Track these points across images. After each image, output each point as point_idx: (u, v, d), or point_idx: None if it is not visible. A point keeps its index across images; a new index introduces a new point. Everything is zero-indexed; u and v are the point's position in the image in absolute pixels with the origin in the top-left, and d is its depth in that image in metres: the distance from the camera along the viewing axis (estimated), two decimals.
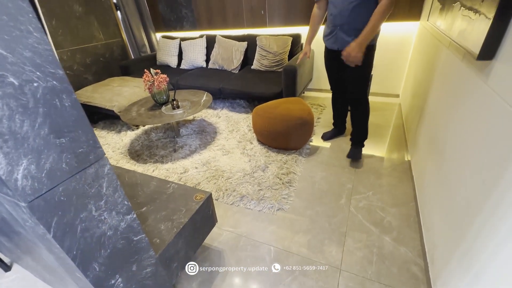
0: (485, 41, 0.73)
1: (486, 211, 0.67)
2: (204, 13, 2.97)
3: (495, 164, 0.66)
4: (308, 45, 1.69)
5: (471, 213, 0.75)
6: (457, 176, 0.89)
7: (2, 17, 0.38)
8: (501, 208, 0.61)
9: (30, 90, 0.42)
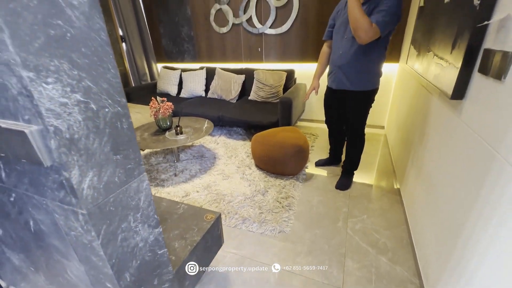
0: (455, 85, 0.90)
1: (469, 227, 0.78)
2: (205, 48, 3.21)
3: (472, 185, 0.79)
4: (316, 80, 1.80)
5: (456, 230, 0.85)
6: (442, 198, 1.01)
7: (94, 58, 0.48)
8: (480, 222, 0.72)
9: (102, 114, 0.52)
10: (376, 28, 1.29)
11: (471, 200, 0.78)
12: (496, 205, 0.67)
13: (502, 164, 0.65)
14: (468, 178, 0.83)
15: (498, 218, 0.65)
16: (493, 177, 0.69)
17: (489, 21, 0.76)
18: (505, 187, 0.64)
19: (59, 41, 0.43)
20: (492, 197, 0.69)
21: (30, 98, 0.41)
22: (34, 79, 0.40)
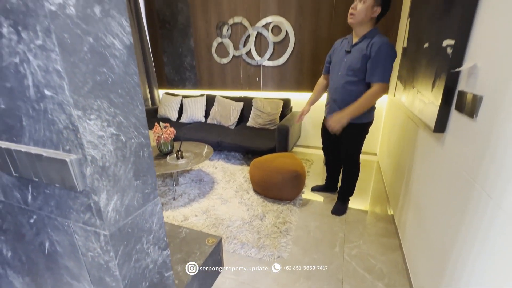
0: (437, 120, 1.01)
1: (455, 251, 0.84)
2: (206, 76, 3.39)
3: (456, 212, 0.86)
4: (308, 106, 1.89)
5: (445, 255, 0.91)
6: (431, 225, 1.08)
7: (127, 98, 0.57)
8: (465, 246, 0.79)
9: (129, 144, 0.59)
10: (383, 84, 1.45)
11: (455, 226, 0.85)
12: (477, 231, 0.74)
13: (480, 193, 0.73)
14: (452, 205, 0.90)
15: (480, 242, 0.72)
16: (472, 205, 0.77)
17: (460, 68, 0.89)
18: (484, 214, 0.71)
19: (103, 85, 0.51)
20: (473, 223, 0.76)
21: (75, 132, 0.48)
22: (81, 116, 0.48)
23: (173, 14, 3.25)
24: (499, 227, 0.65)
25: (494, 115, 0.70)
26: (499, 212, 0.64)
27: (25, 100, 0.51)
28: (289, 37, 2.82)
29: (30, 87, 0.49)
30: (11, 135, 0.57)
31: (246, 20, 2.92)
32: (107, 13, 0.50)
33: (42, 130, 0.52)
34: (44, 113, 0.50)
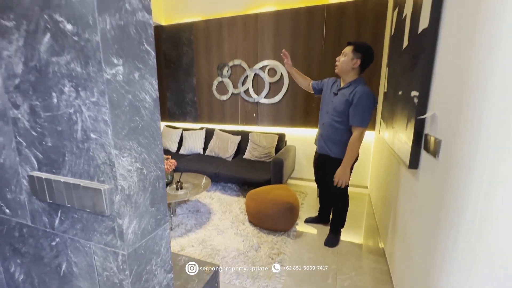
0: (410, 158, 1.16)
1: (440, 283, 0.93)
2: (206, 111, 3.61)
3: (435, 245, 0.97)
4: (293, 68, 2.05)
5: (430, 286, 0.99)
6: (416, 257, 1.17)
7: (150, 139, 0.71)
8: (443, 277, 0.88)
9: (149, 177, 0.71)
10: (361, 129, 1.65)
11: (436, 258, 0.95)
12: (453, 261, 0.84)
13: (445, 226, 0.85)
14: (429, 236, 1.01)
15: (456, 273, 0.82)
16: (442, 235, 0.88)
17: (423, 116, 1.07)
18: (454, 245, 0.82)
19: (135, 130, 0.65)
20: (447, 254, 0.86)
21: (111, 167, 0.61)
22: (117, 154, 0.61)
23: (178, 55, 3.57)
24: (461, 255, 0.75)
25: (451, 156, 0.85)
26: (460, 240, 0.76)
27: (71, 140, 0.64)
28: (283, 78, 3.10)
29: (79, 131, 0.63)
30: (52, 167, 0.70)
31: (245, 62, 3.23)
32: (142, 76, 0.66)
33: (81, 164, 0.65)
34: (86, 151, 0.63)
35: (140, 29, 0.63)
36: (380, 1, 2.58)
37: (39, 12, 0.58)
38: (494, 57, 0.63)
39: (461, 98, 0.80)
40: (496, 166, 0.60)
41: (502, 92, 0.59)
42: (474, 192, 0.68)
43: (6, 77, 0.69)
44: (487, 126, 0.64)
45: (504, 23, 0.60)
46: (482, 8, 0.70)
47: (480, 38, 0.71)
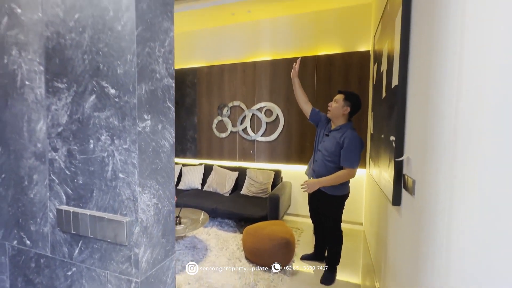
0: (393, 195, 1.29)
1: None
2: (205, 148, 3.77)
3: (423, 281, 1.05)
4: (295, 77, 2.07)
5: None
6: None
7: (166, 178, 0.83)
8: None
9: (163, 211, 0.83)
10: (351, 170, 1.81)
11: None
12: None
13: (424, 260, 0.95)
14: (415, 273, 1.09)
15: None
16: (423, 271, 0.97)
17: (399, 159, 1.23)
18: (432, 278, 0.91)
19: (155, 171, 0.78)
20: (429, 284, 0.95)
21: (134, 202, 0.73)
22: (141, 191, 0.73)
23: (182, 96, 3.85)
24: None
25: (423, 194, 0.99)
26: (434, 273, 0.86)
27: (101, 179, 0.77)
28: (279, 119, 3.34)
29: (109, 171, 0.76)
30: (80, 202, 0.81)
31: (243, 104, 3.50)
32: (164, 127, 0.81)
33: (107, 199, 0.76)
34: (113, 188, 0.75)
35: (165, 91, 0.80)
36: (364, 55, 2.94)
37: (89, 79, 0.75)
38: (447, 112, 0.80)
39: (426, 144, 0.96)
40: (455, 204, 0.73)
41: (454, 139, 0.75)
42: (440, 227, 0.81)
43: (50, 126, 0.83)
44: (449, 168, 0.79)
45: (452, 82, 0.78)
46: (437, 70, 0.90)
47: (437, 95, 0.89)
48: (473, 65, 0.65)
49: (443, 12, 0.84)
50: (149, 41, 0.72)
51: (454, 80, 0.74)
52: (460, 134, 0.69)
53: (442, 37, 0.83)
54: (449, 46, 0.79)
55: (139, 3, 0.68)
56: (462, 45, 0.70)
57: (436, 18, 0.90)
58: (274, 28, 3.39)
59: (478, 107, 0.61)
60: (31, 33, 0.84)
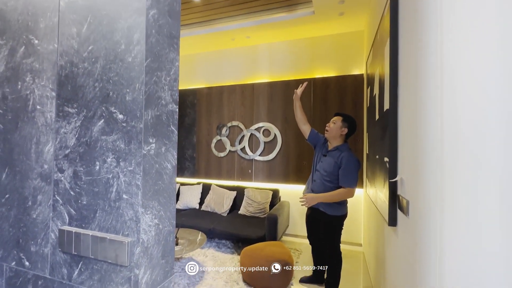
0: (389, 216, 1.31)
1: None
2: (203, 167, 3.79)
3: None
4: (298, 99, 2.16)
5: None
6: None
7: (167, 198, 0.86)
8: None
9: (163, 231, 0.84)
10: (350, 189, 1.84)
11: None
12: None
13: (421, 282, 0.96)
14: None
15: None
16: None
17: (393, 180, 1.26)
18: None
19: (157, 192, 0.81)
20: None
21: (137, 222, 0.75)
22: (143, 212, 0.76)
23: (182, 116, 3.94)
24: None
25: (416, 214, 1.01)
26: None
27: (105, 199, 0.79)
28: (277, 138, 3.40)
29: (113, 192, 0.78)
30: (82, 222, 0.83)
31: (242, 124, 3.58)
32: (167, 150, 0.86)
33: (110, 220, 0.79)
34: (117, 209, 0.78)
35: (169, 115, 0.85)
36: (357, 78, 3.07)
37: (98, 104, 0.80)
38: (433, 135, 0.85)
39: (416, 166, 1.01)
40: (445, 225, 0.76)
41: (441, 161, 0.79)
42: (432, 249, 0.83)
43: (58, 148, 0.87)
44: (438, 189, 0.83)
45: (436, 107, 0.84)
46: (423, 96, 0.96)
47: (423, 119, 0.95)
48: (452, 92, 0.71)
49: (424, 43, 0.92)
50: (157, 70, 0.79)
51: (437, 105, 0.80)
52: (446, 156, 0.74)
53: (425, 65, 0.91)
54: (430, 74, 0.86)
55: (149, 37, 0.75)
56: (442, 74, 0.77)
57: (419, 49, 0.98)
58: (272, 52, 3.56)
59: (459, 131, 0.66)
60: (45, 62, 0.90)
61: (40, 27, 0.91)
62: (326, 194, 1.89)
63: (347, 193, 1.86)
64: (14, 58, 0.96)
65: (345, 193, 1.86)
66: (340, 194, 1.86)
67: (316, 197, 1.91)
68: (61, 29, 0.86)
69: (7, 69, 0.98)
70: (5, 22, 0.99)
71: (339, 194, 1.86)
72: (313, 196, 1.91)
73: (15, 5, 0.97)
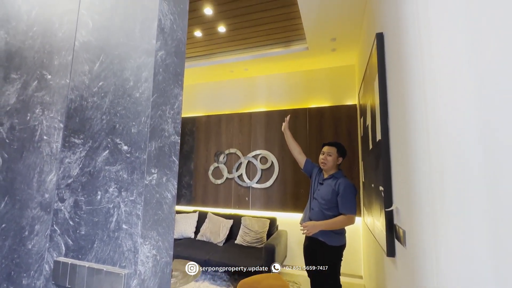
0: (387, 247, 1.31)
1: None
2: (200, 194, 3.76)
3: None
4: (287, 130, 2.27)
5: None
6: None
7: (166, 229, 0.87)
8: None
9: (160, 262, 0.84)
10: (351, 216, 1.84)
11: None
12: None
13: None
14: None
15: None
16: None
17: (389, 209, 1.28)
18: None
19: (157, 221, 0.82)
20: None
21: (135, 253, 0.75)
22: (142, 242, 0.76)
23: (180, 143, 3.97)
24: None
25: (413, 245, 1.02)
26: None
27: (104, 229, 0.80)
28: (274, 166, 3.43)
29: (113, 222, 0.79)
30: (79, 253, 0.82)
31: (239, 151, 3.62)
32: (168, 179, 0.88)
33: (108, 251, 0.78)
34: (115, 239, 0.78)
35: (171, 147, 0.89)
36: (351, 108, 3.20)
37: (104, 136, 0.84)
38: (422, 165, 0.90)
39: (410, 195, 1.03)
40: (441, 255, 0.77)
41: (431, 191, 0.82)
42: (430, 282, 0.83)
43: (61, 177, 0.89)
44: (431, 218, 0.85)
45: (422, 138, 0.89)
46: (411, 128, 1.02)
47: (412, 150, 1.00)
48: (436, 130, 0.76)
49: (409, 79, 1.01)
50: (162, 105, 0.84)
51: (424, 137, 0.85)
52: (435, 187, 0.77)
53: (411, 100, 0.98)
54: (416, 108, 0.92)
55: (156, 75, 0.82)
56: (426, 108, 0.83)
57: (404, 84, 1.06)
58: (269, 83, 3.73)
59: (443, 163, 0.70)
60: (56, 95, 0.96)
61: (54, 64, 0.98)
62: (327, 222, 1.88)
63: (348, 220, 1.84)
64: (26, 91, 1.02)
65: (346, 220, 1.84)
66: (341, 221, 1.85)
67: (317, 224, 1.89)
68: (74, 66, 0.93)
69: (18, 101, 1.03)
70: (22, 59, 1.06)
71: (340, 221, 1.85)
72: (314, 224, 1.90)
73: (33, 44, 1.05)
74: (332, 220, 1.87)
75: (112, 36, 0.88)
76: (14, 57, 1.08)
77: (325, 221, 1.89)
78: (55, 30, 1.00)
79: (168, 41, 0.88)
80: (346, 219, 1.84)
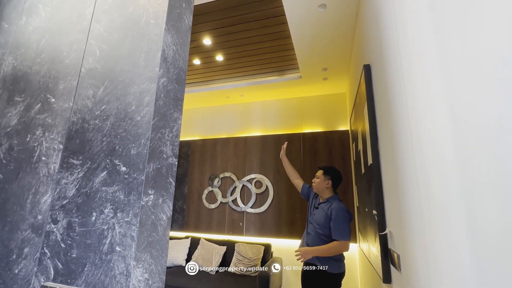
0: (382, 273, 1.29)
1: None
2: (193, 219, 3.67)
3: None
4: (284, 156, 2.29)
5: None
6: None
7: (160, 251, 0.86)
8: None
9: (152, 287, 0.82)
10: (344, 242, 1.80)
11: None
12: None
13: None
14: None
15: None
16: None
17: (382, 233, 1.29)
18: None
19: (151, 243, 0.82)
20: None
21: (127, 277, 0.74)
22: (135, 265, 0.75)
23: None
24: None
25: (408, 269, 1.02)
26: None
27: (96, 252, 0.79)
28: (269, 190, 3.42)
29: (106, 244, 0.78)
30: (68, 278, 0.80)
31: (234, 175, 3.62)
32: (164, 201, 0.89)
33: (99, 275, 0.77)
34: (107, 262, 0.77)
35: (168, 168, 0.91)
36: (343, 133, 3.30)
37: (103, 157, 0.86)
38: (411, 189, 0.93)
39: (401, 219, 1.05)
40: (432, 281, 0.78)
41: (420, 214, 0.84)
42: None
43: (56, 198, 0.89)
44: (422, 242, 0.86)
45: (410, 163, 0.93)
46: (400, 153, 1.07)
47: (402, 174, 1.03)
48: (419, 147, 0.81)
49: (394, 106, 1.07)
50: (161, 128, 0.88)
51: (411, 162, 0.90)
52: (423, 210, 0.80)
53: (397, 124, 1.04)
54: (402, 131, 0.98)
55: (157, 100, 0.86)
56: (411, 135, 0.89)
57: (391, 110, 1.13)
58: (264, 109, 3.85)
59: (428, 186, 0.74)
60: (58, 118, 0.99)
61: (59, 88, 1.02)
62: (319, 248, 1.85)
63: (341, 246, 1.81)
64: (28, 113, 1.05)
65: (339, 246, 1.81)
66: (334, 247, 1.82)
67: (309, 250, 1.86)
68: (79, 90, 0.98)
69: (19, 123, 1.06)
70: (27, 83, 1.11)
71: (333, 247, 1.82)
72: (306, 250, 1.86)
73: (39, 69, 1.10)
74: (326, 246, 1.84)
75: (118, 64, 0.93)
76: (19, 81, 1.12)
77: (318, 247, 1.86)
78: (62, 58, 1.06)
79: (170, 69, 0.94)
80: (339, 245, 1.82)
